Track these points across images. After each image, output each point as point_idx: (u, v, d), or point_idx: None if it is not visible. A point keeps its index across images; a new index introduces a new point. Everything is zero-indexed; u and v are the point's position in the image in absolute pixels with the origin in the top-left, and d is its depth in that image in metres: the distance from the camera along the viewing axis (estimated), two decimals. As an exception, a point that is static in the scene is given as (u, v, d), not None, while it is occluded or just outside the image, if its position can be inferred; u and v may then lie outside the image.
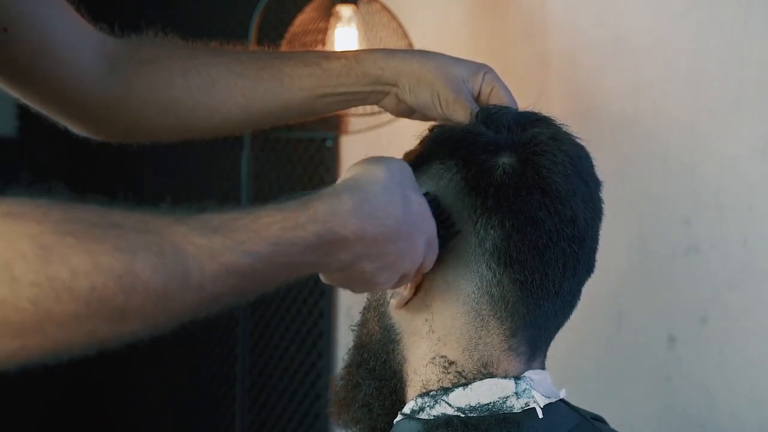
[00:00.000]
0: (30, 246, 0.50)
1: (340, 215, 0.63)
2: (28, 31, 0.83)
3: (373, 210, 0.65)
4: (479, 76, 0.91)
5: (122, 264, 0.52)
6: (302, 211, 0.61)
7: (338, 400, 0.86)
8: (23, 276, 0.49)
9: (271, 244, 0.58)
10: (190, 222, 0.57)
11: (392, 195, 0.67)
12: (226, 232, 0.57)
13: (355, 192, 0.65)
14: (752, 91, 1.50)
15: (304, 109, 0.95)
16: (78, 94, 0.90)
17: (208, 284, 0.56)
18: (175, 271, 0.54)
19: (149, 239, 0.54)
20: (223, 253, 0.56)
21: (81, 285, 0.51)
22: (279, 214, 0.60)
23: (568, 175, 0.77)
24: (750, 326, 1.50)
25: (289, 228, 0.60)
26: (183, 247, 0.55)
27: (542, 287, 0.77)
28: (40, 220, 0.52)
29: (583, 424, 0.81)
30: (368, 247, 0.65)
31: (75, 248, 0.51)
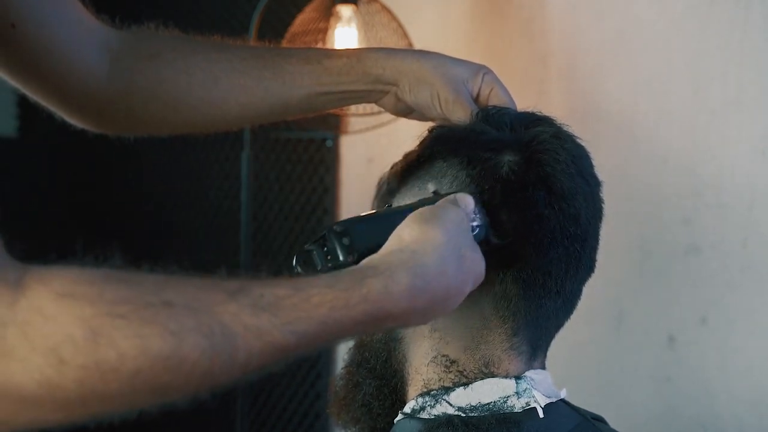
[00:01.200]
0: (81, 330, 0.50)
1: (393, 295, 0.62)
2: (36, 28, 0.83)
3: (426, 285, 0.64)
4: (479, 77, 0.91)
5: (170, 347, 0.53)
6: (355, 290, 0.61)
7: (338, 400, 0.86)
8: (71, 359, 0.50)
9: (319, 323, 0.59)
10: (242, 298, 0.57)
11: (446, 264, 0.66)
12: (276, 311, 0.57)
13: (410, 268, 0.64)
14: (752, 91, 1.50)
15: (303, 107, 0.95)
16: (80, 89, 0.90)
17: (253, 361, 0.56)
18: (222, 352, 0.55)
19: (199, 319, 0.54)
20: (272, 332, 0.57)
21: (127, 367, 0.51)
22: (330, 293, 0.60)
23: (570, 173, 0.78)
24: (750, 326, 1.50)
25: (339, 308, 0.60)
26: (233, 328, 0.55)
27: (545, 286, 0.77)
28: (93, 302, 0.52)
29: (583, 424, 0.81)
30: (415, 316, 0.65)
31: (125, 331, 0.51)
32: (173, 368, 0.53)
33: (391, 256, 0.65)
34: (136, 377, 0.52)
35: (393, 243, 0.67)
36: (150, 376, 0.52)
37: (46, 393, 0.50)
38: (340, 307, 0.60)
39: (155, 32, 0.95)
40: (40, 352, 0.50)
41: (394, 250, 0.66)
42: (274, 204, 2.48)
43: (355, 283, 0.61)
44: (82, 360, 0.50)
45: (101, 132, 0.97)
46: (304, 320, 0.58)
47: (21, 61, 0.85)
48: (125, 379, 0.51)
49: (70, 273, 0.53)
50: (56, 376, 0.50)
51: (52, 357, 0.50)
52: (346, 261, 0.67)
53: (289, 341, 0.57)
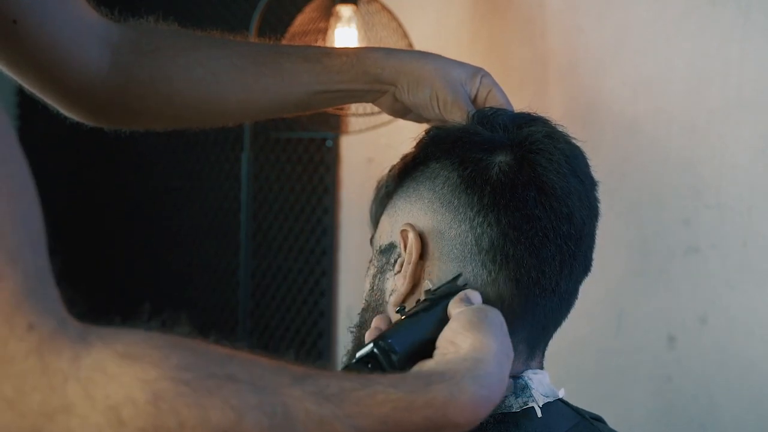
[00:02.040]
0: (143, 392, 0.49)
1: (459, 404, 0.61)
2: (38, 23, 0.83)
3: (490, 393, 0.63)
4: (476, 79, 0.91)
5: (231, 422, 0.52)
6: (420, 394, 0.60)
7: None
8: (131, 422, 0.49)
9: (380, 422, 0.58)
10: (308, 385, 0.56)
11: (504, 371, 0.66)
12: (340, 403, 0.56)
13: (475, 378, 0.63)
14: (752, 91, 1.50)
15: (302, 104, 0.95)
16: (80, 83, 0.90)
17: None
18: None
19: (262, 399, 0.53)
20: (333, 423, 0.56)
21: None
22: (395, 394, 0.59)
23: (563, 173, 0.78)
24: (750, 326, 1.50)
25: (402, 409, 0.59)
26: (294, 413, 0.54)
27: (539, 285, 0.77)
28: (157, 365, 0.51)
29: (582, 423, 0.80)
30: (474, 423, 0.63)
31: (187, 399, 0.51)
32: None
33: (455, 365, 0.64)
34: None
35: (450, 350, 0.66)
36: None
37: None
38: (403, 408, 0.59)
39: (155, 26, 0.95)
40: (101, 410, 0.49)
41: (456, 359, 0.65)
42: (274, 204, 2.48)
43: (421, 387, 0.60)
44: (142, 423, 0.49)
45: (98, 125, 0.96)
46: (367, 416, 0.57)
47: (22, 55, 0.85)
48: None
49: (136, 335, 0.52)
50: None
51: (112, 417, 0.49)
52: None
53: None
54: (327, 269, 2.34)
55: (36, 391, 0.48)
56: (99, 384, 0.49)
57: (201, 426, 0.51)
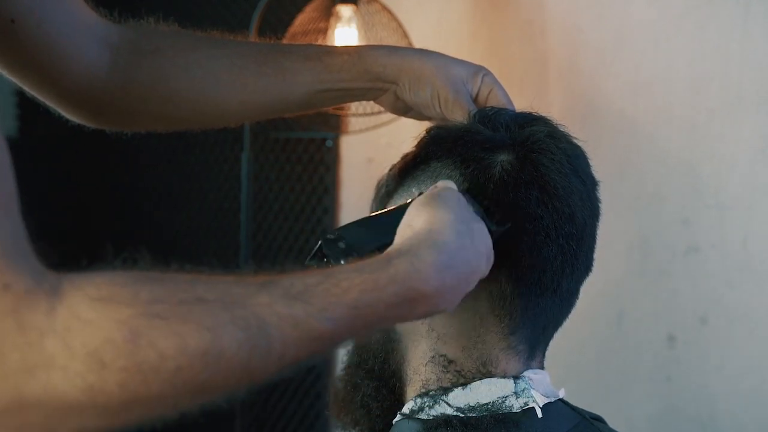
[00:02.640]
0: (119, 332, 0.50)
1: (421, 272, 0.63)
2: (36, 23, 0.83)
3: (450, 261, 0.65)
4: (478, 78, 0.91)
5: (208, 342, 0.52)
6: (382, 272, 0.61)
7: (338, 401, 0.86)
8: (112, 363, 0.50)
9: (351, 308, 0.59)
10: (273, 289, 0.57)
11: (464, 238, 0.67)
12: (308, 299, 0.57)
13: (433, 246, 0.64)
14: (752, 91, 1.50)
15: (303, 104, 0.95)
16: (79, 84, 0.90)
17: (290, 352, 0.56)
18: (259, 344, 0.55)
19: (234, 313, 0.54)
20: (306, 320, 0.57)
21: (168, 367, 0.51)
22: (359, 277, 0.60)
23: (565, 173, 0.78)
24: (750, 326, 1.50)
25: (369, 290, 0.60)
26: (267, 318, 0.55)
27: (540, 284, 0.77)
28: (129, 303, 0.51)
29: (582, 423, 0.80)
30: (446, 295, 0.65)
31: (163, 330, 0.51)
32: (212, 364, 0.52)
33: (411, 240, 0.66)
34: (176, 376, 0.51)
35: (406, 233, 0.68)
36: (190, 375, 0.52)
37: (89, 399, 0.50)
38: (370, 289, 0.60)
39: (155, 27, 0.94)
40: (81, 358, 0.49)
41: (411, 236, 0.66)
42: (274, 204, 2.48)
43: (381, 266, 0.62)
44: (123, 362, 0.50)
45: (99, 127, 0.96)
46: (337, 306, 0.58)
47: (20, 56, 0.85)
48: (166, 379, 0.51)
49: (103, 277, 0.52)
50: (98, 382, 0.49)
51: (93, 362, 0.49)
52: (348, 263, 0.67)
53: (325, 328, 0.57)
54: (327, 269, 2.34)
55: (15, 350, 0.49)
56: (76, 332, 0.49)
57: (181, 353, 0.51)
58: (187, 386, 0.52)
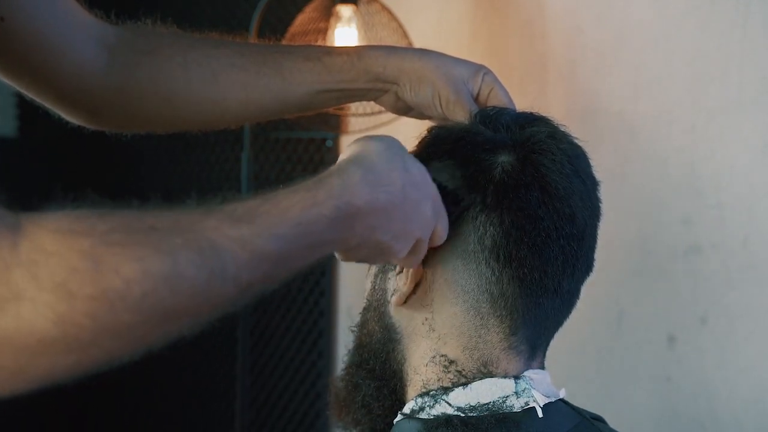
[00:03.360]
0: (83, 261, 0.51)
1: (352, 186, 0.65)
2: (25, 20, 0.82)
3: (378, 178, 0.67)
4: (479, 77, 0.91)
5: (168, 266, 0.53)
6: (318, 190, 0.63)
7: (338, 401, 0.86)
8: (80, 291, 0.50)
9: (294, 225, 0.60)
10: (217, 214, 0.59)
11: (393, 163, 0.70)
12: (252, 219, 0.59)
13: (359, 164, 0.67)
14: (752, 91, 1.50)
15: (302, 104, 0.95)
16: (76, 84, 0.89)
17: (244, 274, 0.57)
18: (214, 266, 0.56)
19: (186, 237, 0.56)
20: (253, 240, 0.58)
21: (134, 292, 0.52)
22: (297, 196, 0.62)
23: (566, 173, 0.78)
24: (750, 326, 1.50)
25: (309, 207, 0.62)
26: (218, 241, 0.56)
27: (541, 285, 0.77)
28: (88, 233, 0.52)
29: (582, 423, 0.81)
30: (380, 216, 0.67)
31: (124, 257, 0.52)
32: (175, 288, 0.53)
33: (339, 163, 0.69)
34: (142, 302, 0.52)
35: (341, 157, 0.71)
36: (155, 299, 0.52)
37: (60, 331, 0.50)
38: (310, 205, 0.62)
39: (153, 28, 0.94)
40: (49, 288, 0.50)
41: (341, 161, 0.69)
42: (274, 204, 2.48)
43: (316, 185, 0.64)
44: (90, 290, 0.50)
45: (98, 129, 0.96)
46: (281, 224, 0.60)
47: (12, 55, 0.84)
48: (134, 307, 0.52)
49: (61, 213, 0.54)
50: (68, 311, 0.50)
51: (61, 291, 0.50)
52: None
53: (272, 247, 0.59)
54: (327, 269, 2.35)
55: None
56: (41, 263, 0.50)
57: (144, 278, 0.52)
58: (154, 312, 0.53)
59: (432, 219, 0.73)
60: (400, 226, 0.70)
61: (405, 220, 0.70)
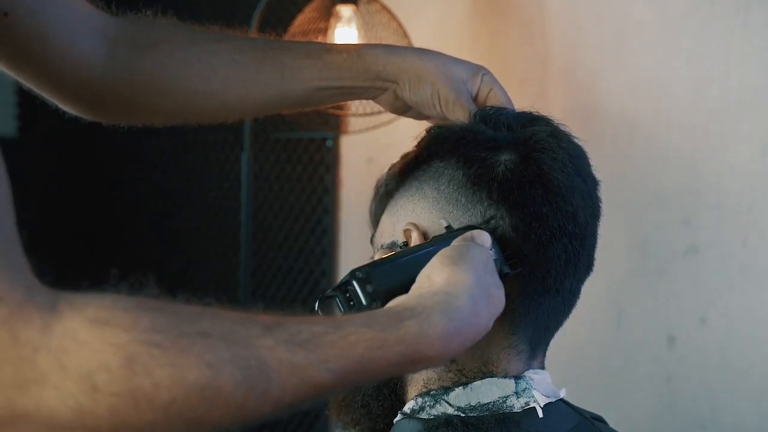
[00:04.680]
0: (115, 357, 0.49)
1: (429, 338, 0.62)
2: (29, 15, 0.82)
3: (460, 328, 0.64)
4: (478, 77, 0.91)
5: (206, 378, 0.52)
6: (392, 331, 0.61)
7: (338, 401, 0.86)
8: (105, 387, 0.49)
9: (355, 362, 0.58)
10: (279, 333, 0.56)
11: (478, 306, 0.67)
12: (313, 348, 0.57)
13: (445, 312, 0.64)
14: (752, 91, 1.50)
15: (301, 101, 0.95)
16: (76, 77, 0.89)
17: (286, 397, 0.56)
18: (257, 386, 0.54)
19: (235, 352, 0.54)
20: (307, 369, 0.56)
21: (162, 398, 0.50)
22: (368, 333, 0.59)
23: (567, 172, 0.78)
24: (750, 326, 1.50)
25: (376, 348, 0.59)
26: (268, 362, 0.55)
27: (543, 284, 0.77)
28: (128, 329, 0.50)
29: (583, 423, 0.81)
30: (447, 357, 0.65)
31: (160, 360, 0.51)
32: (208, 400, 0.52)
33: (426, 299, 0.64)
34: (170, 408, 0.51)
35: (424, 285, 0.67)
36: (184, 408, 0.51)
37: (79, 421, 0.49)
38: (377, 347, 0.59)
39: (153, 20, 0.94)
40: (74, 379, 0.49)
41: (428, 294, 0.65)
42: (274, 204, 2.48)
43: (392, 324, 0.61)
44: (116, 388, 0.49)
45: (96, 120, 0.96)
46: (341, 358, 0.58)
47: (15, 49, 0.84)
48: (159, 410, 0.50)
49: (104, 300, 0.52)
50: (90, 404, 0.49)
51: (85, 384, 0.49)
52: (370, 307, 0.67)
53: (325, 378, 0.57)
54: (327, 269, 2.34)
55: (7, 364, 0.48)
56: (71, 352, 0.49)
57: (176, 385, 0.51)
58: (180, 418, 0.52)
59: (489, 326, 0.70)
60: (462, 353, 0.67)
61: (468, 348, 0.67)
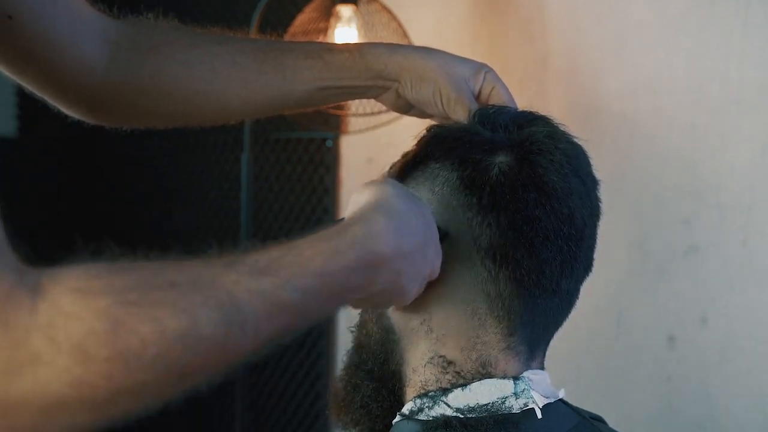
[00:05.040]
0: (100, 322, 0.51)
1: (376, 235, 0.65)
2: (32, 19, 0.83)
3: (401, 224, 0.67)
4: (480, 76, 0.91)
5: (185, 324, 0.53)
6: (342, 238, 0.63)
7: (337, 402, 0.86)
8: (97, 353, 0.50)
9: (316, 276, 0.60)
10: (239, 267, 0.58)
11: (411, 205, 0.70)
12: (274, 272, 0.58)
13: (381, 211, 0.67)
14: (752, 91, 1.50)
15: (303, 101, 0.95)
16: (77, 79, 0.89)
17: (264, 326, 0.57)
18: (233, 322, 0.55)
19: (206, 293, 0.55)
20: (275, 292, 0.58)
21: (149, 353, 0.51)
22: (320, 244, 0.61)
23: (564, 173, 0.77)
24: (750, 326, 1.50)
25: (331, 256, 0.61)
26: (237, 295, 0.56)
27: (539, 285, 0.77)
28: (106, 292, 0.52)
29: (582, 424, 0.80)
30: (403, 261, 0.67)
31: (140, 317, 0.52)
32: (191, 346, 0.53)
33: (360, 211, 0.68)
34: (158, 362, 0.52)
35: (353, 209, 0.70)
36: (171, 358, 0.52)
37: (76, 393, 0.50)
38: (332, 255, 0.61)
39: (154, 23, 0.94)
40: (66, 351, 0.50)
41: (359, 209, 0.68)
42: (274, 204, 2.48)
43: (339, 233, 0.63)
44: (107, 352, 0.50)
45: (98, 123, 0.96)
46: (302, 275, 0.59)
47: (17, 52, 0.84)
48: (149, 365, 0.51)
49: (78, 269, 0.53)
50: (84, 374, 0.50)
51: (78, 354, 0.50)
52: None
53: (294, 299, 0.58)
54: (327, 269, 2.34)
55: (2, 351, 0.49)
56: (60, 326, 0.50)
57: (161, 337, 0.52)
58: (170, 371, 0.53)
59: (437, 258, 0.73)
60: (417, 270, 0.70)
61: (421, 263, 0.70)
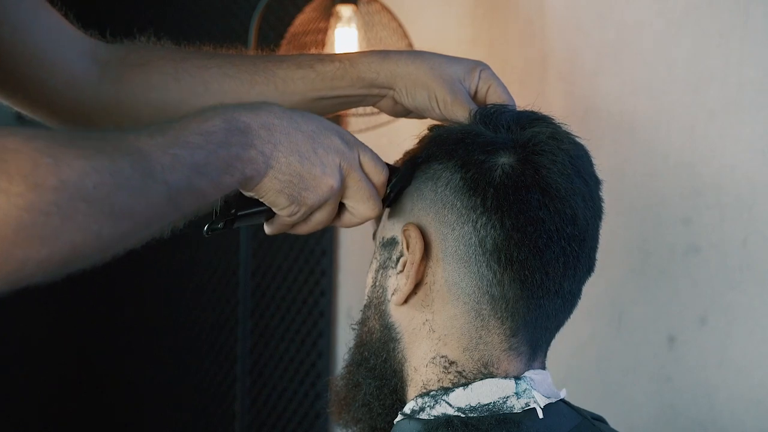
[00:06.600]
0: (43, 157, 0.57)
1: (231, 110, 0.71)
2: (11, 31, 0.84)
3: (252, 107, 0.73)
4: (475, 74, 0.91)
5: (109, 163, 0.60)
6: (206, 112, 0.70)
7: (339, 400, 0.86)
8: (45, 181, 0.56)
9: (197, 134, 0.67)
10: (133, 133, 0.65)
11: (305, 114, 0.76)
12: (164, 132, 0.66)
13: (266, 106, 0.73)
14: (752, 91, 1.50)
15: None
16: (67, 98, 0.90)
17: (169, 175, 0.64)
18: (144, 167, 0.62)
19: (116, 145, 0.62)
20: (170, 145, 0.65)
21: (86, 184, 0.58)
22: (195, 117, 0.69)
23: (567, 174, 0.77)
24: (750, 326, 1.50)
25: (202, 121, 0.68)
26: (141, 147, 0.63)
27: (543, 286, 0.77)
28: (42, 137, 0.58)
29: (583, 424, 0.81)
30: (274, 132, 0.72)
31: (73, 155, 0.58)
32: (119, 183, 0.60)
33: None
34: (95, 193, 0.58)
35: None
36: (105, 192, 0.59)
37: (30, 218, 0.55)
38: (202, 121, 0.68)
39: (145, 44, 0.95)
40: (18, 180, 0.55)
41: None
42: (274, 204, 2.48)
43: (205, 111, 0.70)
44: (53, 181, 0.56)
45: None
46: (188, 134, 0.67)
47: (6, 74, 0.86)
48: (88, 196, 0.58)
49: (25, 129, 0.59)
50: (36, 199, 0.56)
51: (29, 182, 0.56)
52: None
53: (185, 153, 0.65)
54: (327, 269, 2.34)
55: None
56: (9, 160, 0.56)
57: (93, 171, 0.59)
58: (105, 204, 0.59)
59: (347, 148, 0.76)
60: (307, 147, 0.73)
61: (308, 140, 0.73)
